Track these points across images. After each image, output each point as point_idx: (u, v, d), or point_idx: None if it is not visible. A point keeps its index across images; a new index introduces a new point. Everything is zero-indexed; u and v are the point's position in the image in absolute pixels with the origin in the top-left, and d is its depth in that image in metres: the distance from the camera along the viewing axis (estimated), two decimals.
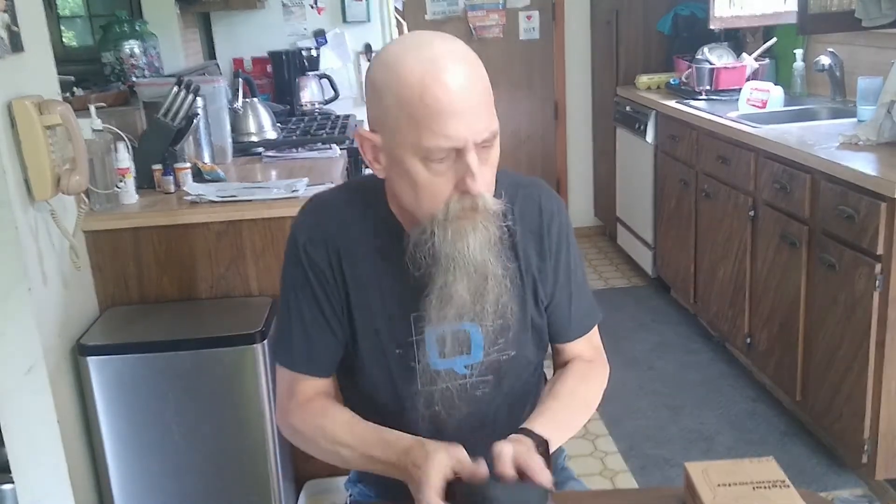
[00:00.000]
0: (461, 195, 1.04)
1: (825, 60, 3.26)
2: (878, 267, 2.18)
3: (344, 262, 1.17)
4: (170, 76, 2.97)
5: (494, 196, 1.10)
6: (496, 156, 1.09)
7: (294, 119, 3.51)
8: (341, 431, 1.14)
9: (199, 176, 2.40)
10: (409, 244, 1.09)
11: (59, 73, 2.02)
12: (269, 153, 2.80)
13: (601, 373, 1.31)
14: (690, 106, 3.57)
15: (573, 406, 1.23)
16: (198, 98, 2.47)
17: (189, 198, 2.19)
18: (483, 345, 1.18)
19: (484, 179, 1.05)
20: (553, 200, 1.26)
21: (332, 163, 2.66)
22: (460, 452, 1.00)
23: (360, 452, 1.12)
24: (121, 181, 2.18)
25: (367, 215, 1.19)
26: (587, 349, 1.33)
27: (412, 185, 1.06)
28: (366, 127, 1.11)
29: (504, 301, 1.12)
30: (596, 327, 1.34)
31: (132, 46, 3.07)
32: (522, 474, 1.01)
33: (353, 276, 1.17)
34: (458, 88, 1.00)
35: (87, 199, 2.04)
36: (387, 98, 1.03)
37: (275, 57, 3.71)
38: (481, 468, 0.99)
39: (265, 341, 1.97)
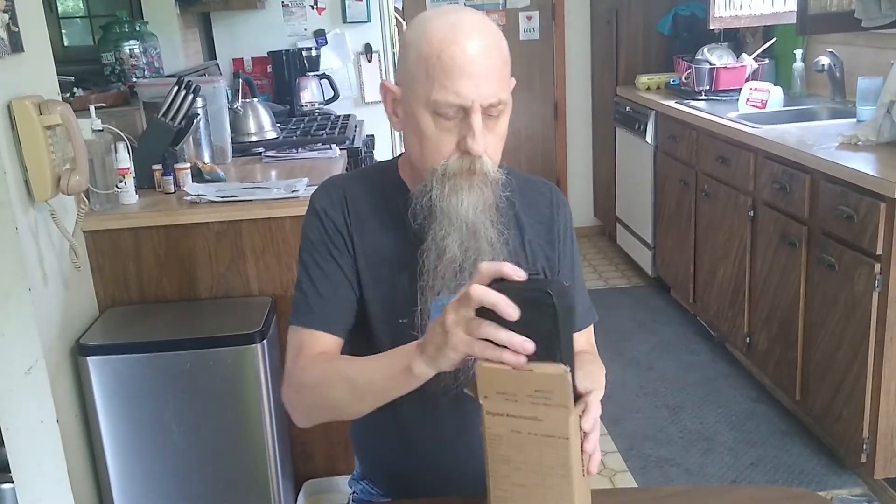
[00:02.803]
0: (462, 154, 1.10)
1: (825, 61, 3.26)
2: (877, 267, 2.19)
3: (355, 230, 1.22)
4: (170, 76, 2.98)
5: (502, 178, 1.16)
6: (503, 128, 1.15)
7: (294, 119, 3.51)
8: (347, 363, 1.13)
9: (198, 176, 2.40)
10: (411, 198, 1.15)
11: (59, 74, 2.02)
12: (269, 153, 2.80)
13: (603, 369, 1.31)
14: (690, 106, 3.57)
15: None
16: (198, 98, 2.47)
17: (189, 198, 2.19)
18: None
19: (488, 147, 1.11)
20: (558, 195, 1.33)
21: (332, 163, 2.66)
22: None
23: (365, 366, 1.09)
24: (121, 181, 2.18)
25: (380, 188, 1.24)
26: (587, 347, 1.34)
27: (420, 138, 1.12)
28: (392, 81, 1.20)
29: None
30: (592, 331, 1.35)
31: (132, 47, 3.07)
32: None
33: (362, 245, 1.21)
34: (473, 52, 1.07)
35: (87, 200, 2.05)
36: (410, 53, 1.11)
37: (275, 57, 3.72)
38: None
39: (265, 341, 1.97)
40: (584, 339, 1.33)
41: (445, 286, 1.14)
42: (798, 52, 3.58)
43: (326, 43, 3.86)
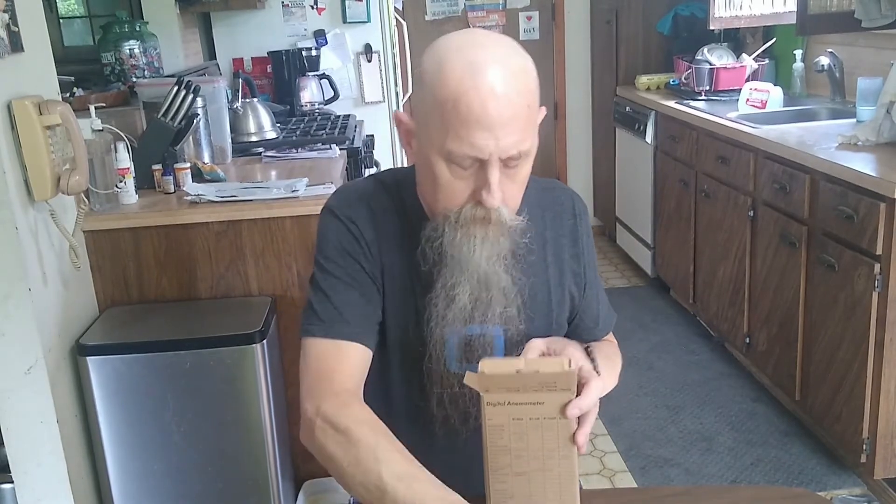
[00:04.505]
0: (476, 204, 1.03)
1: (825, 61, 3.26)
2: (877, 267, 2.19)
3: (383, 244, 1.14)
4: (170, 76, 2.98)
5: (522, 209, 1.10)
6: (526, 174, 1.06)
7: (294, 119, 3.51)
8: (397, 459, 0.98)
9: (198, 176, 2.40)
10: (422, 238, 1.09)
11: (59, 74, 2.02)
12: (269, 153, 2.80)
13: (619, 362, 1.32)
14: (690, 106, 3.57)
15: (610, 367, 1.23)
16: (198, 98, 2.47)
17: (189, 198, 2.19)
18: (504, 351, 1.16)
19: (506, 195, 1.04)
20: (579, 202, 1.27)
21: (331, 163, 2.66)
22: None
23: (405, 487, 0.95)
24: (121, 181, 2.18)
25: (398, 207, 1.16)
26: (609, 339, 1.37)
27: (433, 181, 1.05)
28: (408, 109, 1.12)
29: (510, 314, 1.11)
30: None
31: (132, 47, 3.07)
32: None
33: (390, 263, 1.14)
34: (493, 101, 0.97)
35: (86, 200, 2.04)
36: (426, 91, 1.02)
37: (275, 57, 3.72)
38: None
39: (265, 341, 1.97)
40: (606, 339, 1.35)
41: (455, 332, 1.11)
42: (798, 53, 3.58)
43: (326, 43, 3.86)
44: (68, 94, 2.53)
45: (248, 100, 3.14)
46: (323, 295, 1.12)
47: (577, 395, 0.97)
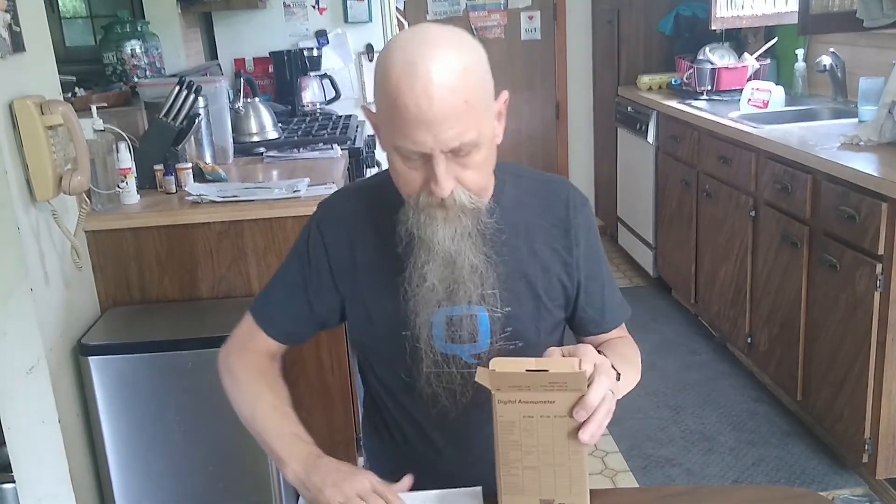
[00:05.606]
0: (429, 192, 1.08)
1: (826, 61, 3.26)
2: (878, 267, 2.18)
3: (357, 247, 1.22)
4: (171, 76, 2.98)
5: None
6: (481, 159, 1.08)
7: (295, 119, 3.51)
8: (269, 403, 1.22)
9: (200, 176, 2.40)
10: (397, 221, 1.14)
11: (60, 74, 2.02)
12: (271, 153, 2.80)
13: (638, 355, 1.32)
14: (692, 106, 3.57)
15: (628, 364, 1.24)
16: (199, 98, 2.47)
17: (190, 198, 2.20)
18: (490, 332, 1.19)
19: (464, 180, 1.08)
20: (576, 195, 1.28)
21: (333, 163, 2.66)
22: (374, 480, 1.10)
23: (265, 416, 1.21)
24: (122, 181, 2.18)
25: (387, 201, 1.20)
26: (623, 334, 1.36)
27: (394, 170, 1.11)
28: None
29: (487, 293, 1.15)
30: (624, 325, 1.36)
31: (134, 47, 3.08)
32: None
33: (365, 261, 1.22)
34: (426, 100, 0.99)
35: (88, 200, 2.05)
36: (377, 88, 1.07)
37: (276, 57, 3.72)
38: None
39: None
40: (617, 333, 1.35)
41: (440, 312, 1.15)
42: (800, 52, 3.58)
43: (328, 43, 3.87)
44: (70, 94, 2.54)
45: (249, 100, 3.14)
46: (273, 284, 1.30)
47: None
